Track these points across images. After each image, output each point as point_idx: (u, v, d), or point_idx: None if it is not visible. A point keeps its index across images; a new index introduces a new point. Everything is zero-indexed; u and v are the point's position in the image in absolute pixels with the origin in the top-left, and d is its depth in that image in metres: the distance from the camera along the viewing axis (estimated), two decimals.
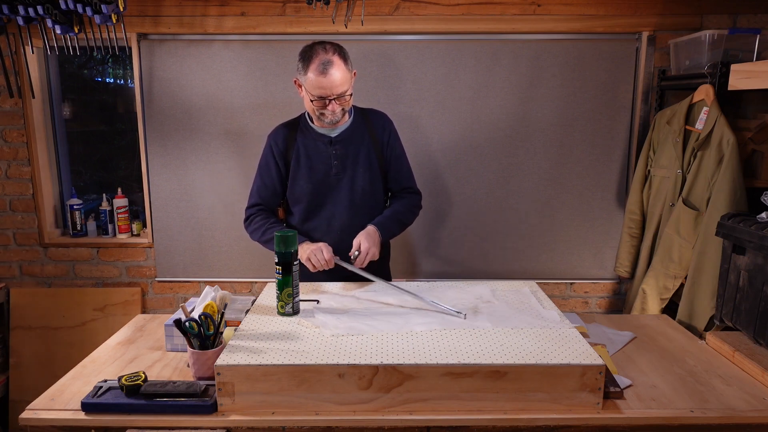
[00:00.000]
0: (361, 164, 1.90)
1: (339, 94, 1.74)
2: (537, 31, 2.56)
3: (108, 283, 2.86)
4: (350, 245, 1.81)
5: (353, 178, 1.89)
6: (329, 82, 1.71)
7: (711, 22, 2.51)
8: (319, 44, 1.75)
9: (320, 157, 1.89)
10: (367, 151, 1.91)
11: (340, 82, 1.72)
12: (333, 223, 1.91)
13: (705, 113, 2.14)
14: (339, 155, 1.88)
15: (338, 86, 1.73)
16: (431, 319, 1.44)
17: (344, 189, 1.90)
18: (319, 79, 1.71)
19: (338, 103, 1.76)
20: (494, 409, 1.24)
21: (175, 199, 2.73)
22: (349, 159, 1.89)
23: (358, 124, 1.92)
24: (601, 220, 2.72)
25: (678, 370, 1.45)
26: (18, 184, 2.76)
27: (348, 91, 1.77)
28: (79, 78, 2.92)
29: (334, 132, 1.88)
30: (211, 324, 1.34)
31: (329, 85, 1.71)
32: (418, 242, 2.75)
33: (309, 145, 1.90)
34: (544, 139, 2.64)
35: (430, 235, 2.75)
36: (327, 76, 1.70)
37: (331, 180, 1.89)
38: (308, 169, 1.89)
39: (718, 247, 1.79)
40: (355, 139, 1.90)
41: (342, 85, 1.73)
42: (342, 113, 1.81)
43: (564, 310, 2.50)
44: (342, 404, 1.23)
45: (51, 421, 1.24)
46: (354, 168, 1.89)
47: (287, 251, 1.50)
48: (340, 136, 1.89)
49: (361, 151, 1.90)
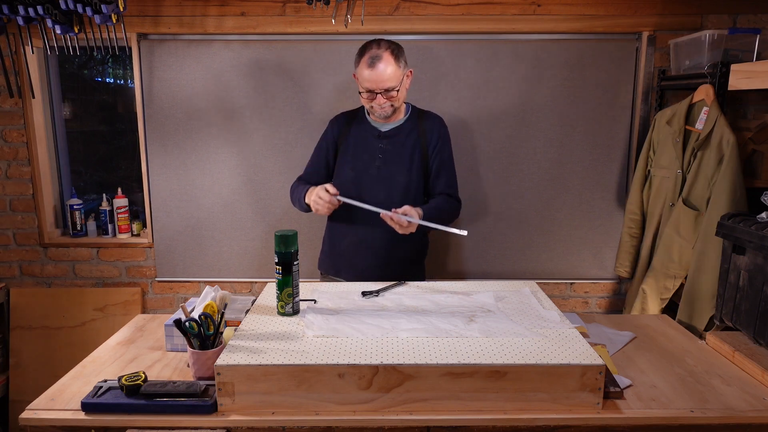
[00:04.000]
0: (404, 162, 1.94)
1: (386, 89, 1.80)
2: (537, 31, 2.56)
3: (108, 283, 2.86)
4: (379, 240, 1.91)
5: (394, 173, 1.93)
6: (376, 75, 1.78)
7: (711, 22, 2.51)
8: (375, 41, 1.83)
9: (367, 148, 1.95)
10: (413, 150, 1.94)
11: (387, 77, 1.79)
12: (367, 215, 1.90)
13: (705, 113, 2.14)
14: (385, 150, 1.93)
15: (385, 81, 1.79)
16: (419, 325, 1.43)
17: (384, 183, 1.94)
18: (367, 72, 1.79)
19: (385, 97, 1.82)
20: (494, 409, 1.24)
21: (175, 199, 2.73)
22: (395, 155, 1.94)
23: (410, 123, 1.97)
24: (601, 220, 2.72)
25: (678, 370, 1.45)
26: (18, 184, 2.76)
27: (396, 87, 1.82)
28: (79, 78, 2.92)
29: (385, 127, 1.94)
30: (211, 324, 1.34)
31: (376, 78, 1.78)
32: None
33: (360, 134, 1.97)
34: (544, 139, 2.64)
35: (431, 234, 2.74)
36: (374, 70, 1.78)
37: (373, 172, 1.94)
38: (353, 158, 1.95)
39: (718, 247, 1.79)
40: (404, 137, 1.95)
41: (390, 80, 1.79)
42: (391, 109, 1.87)
43: (564, 310, 2.50)
44: (342, 404, 1.23)
45: (51, 421, 1.24)
46: (397, 164, 1.94)
47: (287, 251, 1.50)
48: (389, 132, 1.94)
49: (407, 149, 1.94)
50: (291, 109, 2.64)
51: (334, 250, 2.06)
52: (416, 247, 2.07)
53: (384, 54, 1.78)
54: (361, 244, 1.99)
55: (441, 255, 2.77)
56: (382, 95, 1.82)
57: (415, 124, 1.97)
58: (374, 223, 1.88)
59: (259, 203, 2.71)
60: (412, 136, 1.95)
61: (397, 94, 1.84)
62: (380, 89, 1.81)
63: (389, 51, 1.80)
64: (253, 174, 2.70)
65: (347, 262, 2.03)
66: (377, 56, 1.78)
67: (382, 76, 1.78)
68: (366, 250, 1.98)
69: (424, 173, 1.97)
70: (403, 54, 1.85)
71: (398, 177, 1.94)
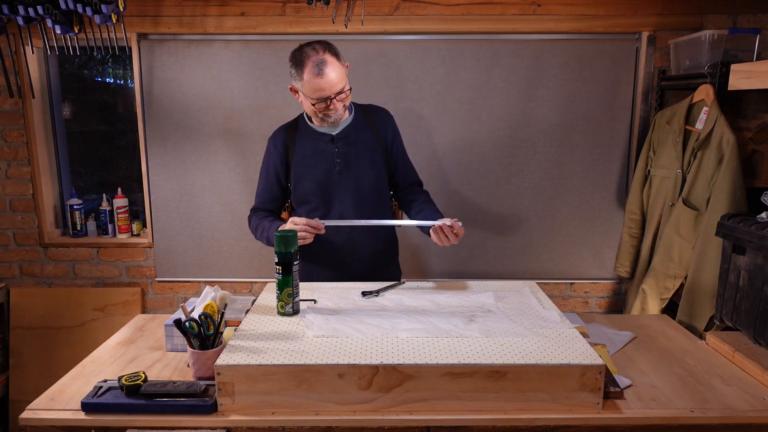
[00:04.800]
0: (364, 160, 1.88)
1: (338, 92, 1.73)
2: (537, 31, 2.56)
3: (108, 283, 2.86)
4: (360, 244, 1.83)
5: (357, 174, 1.87)
6: (327, 82, 1.69)
7: (711, 22, 2.51)
8: (307, 46, 1.73)
9: (323, 156, 1.87)
10: (370, 147, 1.89)
11: (337, 80, 1.71)
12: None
13: (705, 113, 2.14)
14: (342, 153, 1.86)
15: (336, 84, 1.71)
16: (419, 325, 1.43)
17: (349, 186, 1.87)
18: (316, 81, 1.69)
19: (339, 100, 1.75)
20: (494, 409, 1.24)
21: (175, 199, 2.73)
22: (353, 156, 1.87)
23: (359, 121, 1.90)
24: (601, 220, 2.72)
25: (678, 370, 1.45)
26: (18, 184, 2.76)
27: (346, 86, 1.76)
28: (79, 78, 2.92)
29: (336, 130, 1.86)
30: (211, 324, 1.34)
31: (328, 84, 1.70)
32: (419, 242, 2.75)
33: (309, 144, 1.88)
34: (545, 139, 2.64)
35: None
36: (324, 77, 1.69)
37: (335, 178, 1.87)
38: (311, 169, 1.87)
39: (718, 247, 1.79)
40: (358, 136, 1.88)
41: (340, 82, 1.72)
42: (344, 109, 1.80)
43: (564, 310, 2.50)
44: (342, 404, 1.23)
45: (51, 421, 1.24)
46: (357, 165, 1.87)
47: (287, 251, 1.50)
48: (341, 133, 1.87)
49: (364, 147, 1.88)
50: (291, 109, 2.63)
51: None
52: (391, 247, 2.03)
53: (326, 57, 1.69)
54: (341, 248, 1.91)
55: (441, 255, 2.77)
56: (336, 99, 1.74)
57: (362, 120, 1.90)
58: (347, 228, 1.86)
59: None
60: (365, 132, 1.89)
61: (349, 92, 1.78)
62: (333, 94, 1.72)
63: (329, 52, 1.71)
64: (253, 174, 2.69)
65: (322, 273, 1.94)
66: (322, 61, 1.68)
67: (333, 81, 1.70)
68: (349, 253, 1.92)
69: (386, 168, 1.92)
70: (339, 50, 1.76)
71: (363, 178, 1.87)
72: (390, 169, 1.95)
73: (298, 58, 1.73)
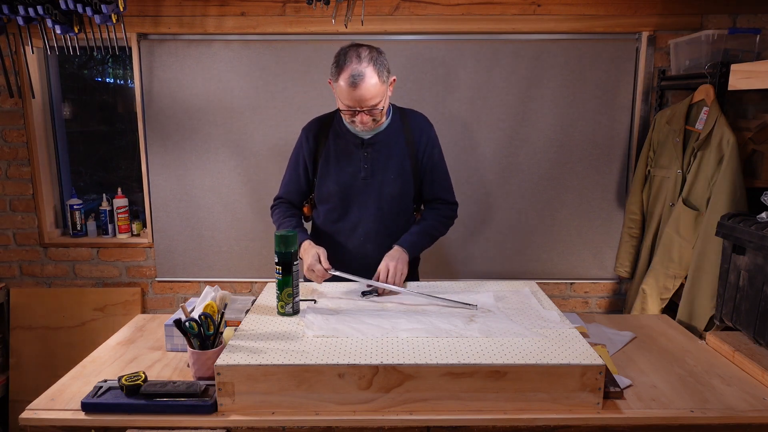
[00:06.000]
0: (392, 170, 1.80)
1: (370, 107, 1.65)
2: (537, 31, 2.56)
3: (108, 283, 2.86)
4: (372, 252, 1.79)
5: (382, 183, 1.80)
6: (359, 96, 1.62)
7: (711, 22, 2.51)
8: (354, 50, 1.64)
9: (350, 159, 1.80)
10: (400, 156, 1.80)
11: (370, 96, 1.63)
12: (358, 228, 1.84)
13: (705, 113, 2.14)
14: (370, 159, 1.79)
15: (368, 100, 1.63)
16: (418, 325, 1.43)
17: (372, 194, 1.81)
18: (349, 91, 1.62)
19: (369, 114, 1.67)
20: (494, 409, 1.24)
21: (175, 199, 2.73)
22: (380, 163, 1.79)
23: (394, 127, 1.82)
24: (601, 220, 2.72)
25: (678, 370, 1.45)
26: (18, 184, 2.76)
27: (380, 104, 1.67)
28: (79, 78, 2.92)
29: (368, 134, 1.79)
30: (211, 324, 1.34)
31: (359, 98, 1.62)
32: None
33: (340, 144, 1.81)
34: (544, 139, 2.64)
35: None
36: (357, 90, 1.61)
37: (359, 184, 1.80)
38: (336, 171, 1.81)
39: (718, 247, 1.79)
40: (389, 143, 1.80)
41: (373, 98, 1.63)
42: (373, 123, 1.72)
43: (564, 310, 2.50)
44: (342, 404, 1.23)
45: (51, 421, 1.24)
46: (384, 173, 1.80)
47: (287, 251, 1.50)
48: (373, 138, 1.79)
49: (393, 155, 1.80)
50: (291, 109, 2.64)
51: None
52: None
53: (366, 71, 1.60)
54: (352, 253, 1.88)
55: (441, 255, 2.76)
56: (365, 113, 1.66)
57: (399, 126, 1.82)
58: (360, 232, 1.84)
59: (259, 203, 2.71)
60: (398, 140, 1.81)
61: (383, 109, 1.69)
62: (364, 108, 1.65)
63: (371, 66, 1.61)
64: (253, 174, 2.70)
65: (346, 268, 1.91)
66: (359, 74, 1.59)
67: (365, 96, 1.62)
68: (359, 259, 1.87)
69: (414, 179, 1.84)
70: (385, 63, 1.67)
71: (387, 187, 1.80)
72: (417, 179, 1.86)
73: (341, 59, 1.64)
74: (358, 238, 1.86)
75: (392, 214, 1.85)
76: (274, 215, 1.91)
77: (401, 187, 1.83)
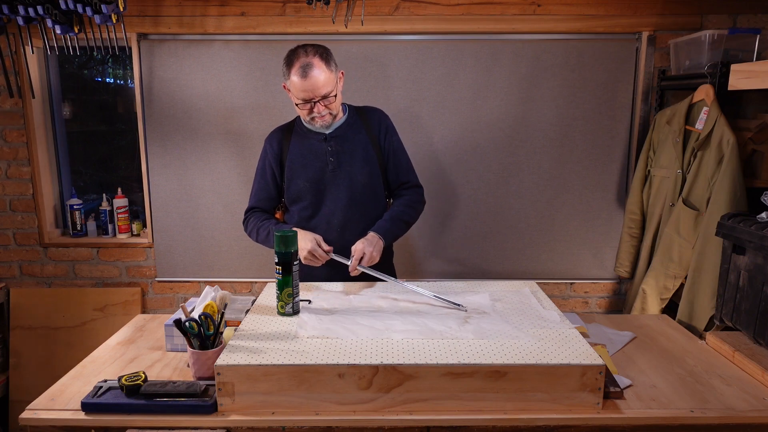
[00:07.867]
0: (358, 158, 1.89)
1: (323, 96, 1.75)
2: (537, 31, 2.56)
3: (108, 283, 2.86)
4: (351, 242, 1.80)
5: (351, 173, 1.89)
6: (311, 84, 1.72)
7: (711, 22, 2.51)
8: (301, 47, 1.76)
9: (315, 154, 1.89)
10: (363, 145, 1.90)
11: (322, 84, 1.73)
12: (332, 220, 1.90)
13: (705, 113, 2.14)
14: (334, 151, 1.88)
15: (320, 87, 1.73)
16: (412, 327, 1.43)
17: (342, 185, 1.89)
18: (300, 82, 1.72)
19: (323, 104, 1.77)
20: (494, 409, 1.24)
21: (175, 199, 2.73)
22: (346, 154, 1.88)
23: (352, 121, 1.92)
24: (601, 220, 2.72)
25: (678, 370, 1.45)
26: (18, 184, 2.76)
27: (332, 93, 1.77)
28: (79, 78, 2.92)
29: (329, 129, 1.89)
30: (211, 324, 1.34)
31: (311, 87, 1.72)
32: (419, 242, 2.75)
33: (304, 144, 1.90)
34: (544, 139, 2.64)
35: (431, 235, 2.75)
36: (308, 78, 1.71)
37: (328, 176, 1.88)
38: (304, 168, 1.89)
39: (718, 247, 1.79)
40: (351, 135, 1.90)
41: (325, 86, 1.74)
42: (330, 116, 1.82)
43: (564, 310, 2.50)
44: (342, 404, 1.23)
45: (51, 421, 1.24)
46: (351, 163, 1.89)
47: (287, 251, 1.50)
48: (334, 132, 1.89)
49: (357, 146, 1.90)
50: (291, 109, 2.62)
51: None
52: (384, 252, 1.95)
53: (314, 60, 1.72)
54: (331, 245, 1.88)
55: (440, 255, 2.77)
56: (320, 103, 1.77)
57: (357, 120, 1.93)
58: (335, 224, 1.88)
59: None
60: (359, 131, 1.91)
61: (335, 99, 1.79)
62: (317, 97, 1.75)
63: (319, 56, 1.73)
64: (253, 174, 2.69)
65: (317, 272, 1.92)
66: (308, 64, 1.71)
67: (317, 84, 1.72)
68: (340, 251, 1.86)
69: (380, 166, 1.93)
70: (332, 56, 1.78)
71: (356, 176, 1.88)
72: (382, 165, 1.96)
73: (290, 58, 1.76)
74: (335, 229, 1.89)
75: (364, 203, 1.91)
76: (249, 224, 1.95)
77: (370, 173, 1.91)
